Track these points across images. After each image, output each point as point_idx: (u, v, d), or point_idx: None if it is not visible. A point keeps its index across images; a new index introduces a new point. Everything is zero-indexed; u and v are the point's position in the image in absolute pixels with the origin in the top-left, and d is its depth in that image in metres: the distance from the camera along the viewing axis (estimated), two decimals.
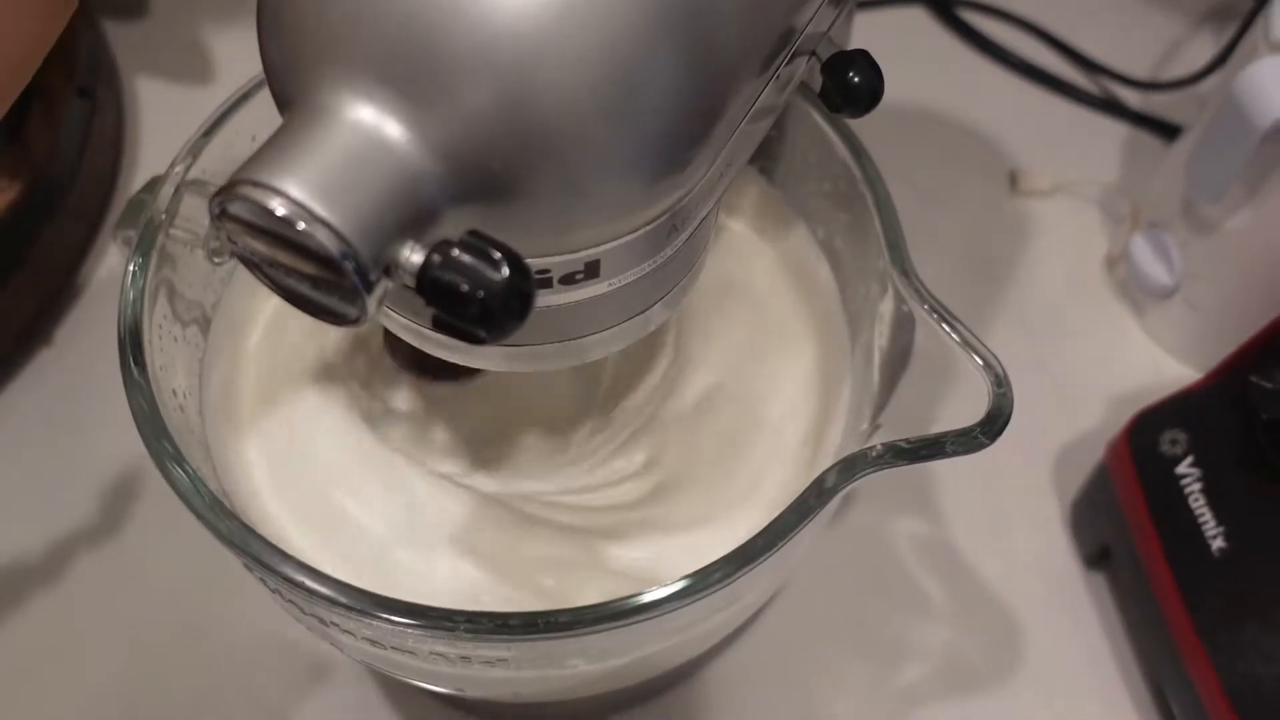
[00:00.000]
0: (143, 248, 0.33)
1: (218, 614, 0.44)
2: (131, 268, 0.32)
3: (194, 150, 0.34)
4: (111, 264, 0.53)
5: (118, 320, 0.31)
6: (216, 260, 0.36)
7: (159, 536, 0.45)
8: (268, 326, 0.38)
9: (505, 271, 0.21)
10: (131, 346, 0.31)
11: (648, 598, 0.27)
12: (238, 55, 0.60)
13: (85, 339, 0.51)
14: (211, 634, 0.43)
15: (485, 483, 0.36)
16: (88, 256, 0.53)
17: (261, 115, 0.36)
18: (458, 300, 0.21)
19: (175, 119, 0.58)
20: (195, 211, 0.34)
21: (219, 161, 0.35)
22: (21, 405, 0.49)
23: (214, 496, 0.29)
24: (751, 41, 0.25)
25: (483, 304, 0.21)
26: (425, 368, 0.36)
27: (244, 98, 0.35)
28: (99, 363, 0.49)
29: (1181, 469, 0.41)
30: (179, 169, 0.34)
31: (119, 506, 0.46)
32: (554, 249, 0.24)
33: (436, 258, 0.21)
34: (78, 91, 0.52)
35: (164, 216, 0.33)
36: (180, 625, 0.44)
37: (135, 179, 0.56)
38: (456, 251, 0.21)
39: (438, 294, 0.21)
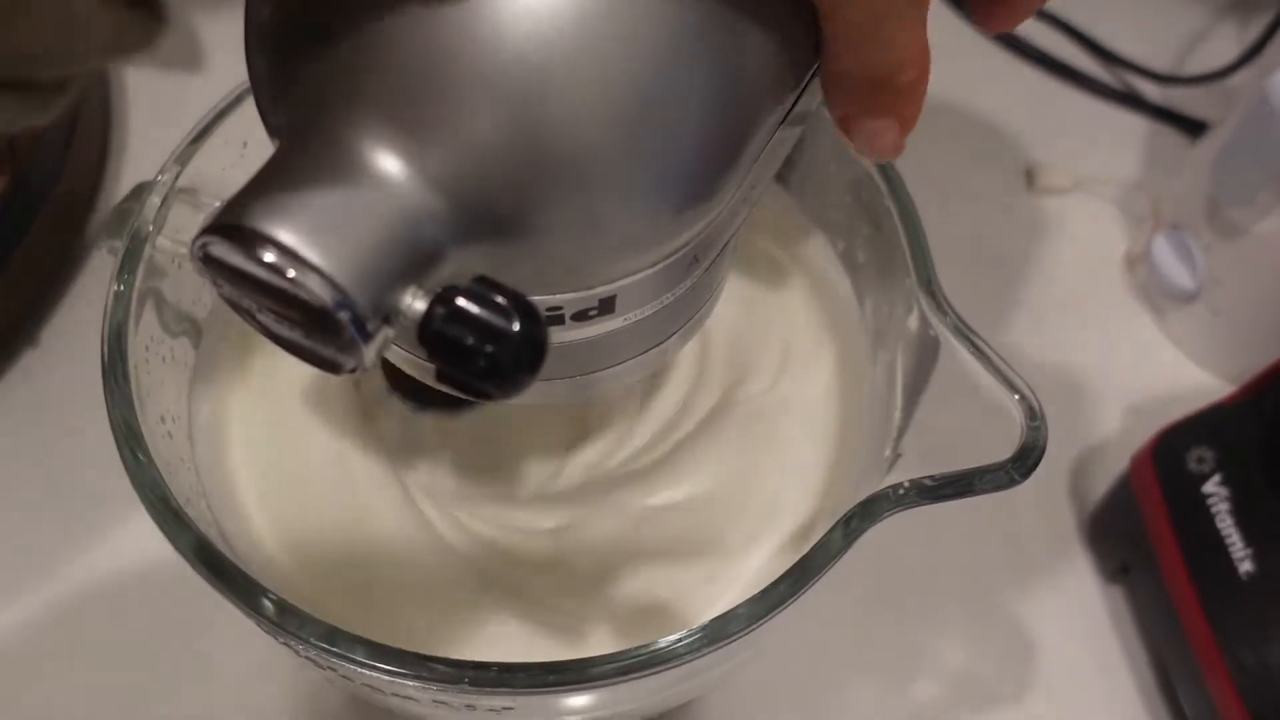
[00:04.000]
0: (128, 262, 0.31)
1: (210, 626, 0.42)
2: (117, 287, 0.31)
3: (182, 158, 0.33)
4: (99, 262, 0.51)
5: (101, 344, 0.30)
6: None
7: (147, 541, 0.44)
8: (262, 342, 0.36)
9: (516, 324, 0.19)
10: (115, 368, 0.30)
11: (662, 646, 0.26)
12: (228, 44, 0.57)
13: (72, 340, 0.50)
14: (204, 648, 0.42)
15: (481, 506, 0.35)
16: (74, 254, 0.51)
17: (254, 120, 0.34)
18: (464, 355, 0.19)
19: (164, 109, 0.56)
20: (184, 221, 0.33)
21: (209, 168, 0.33)
22: (6, 407, 0.48)
23: (194, 528, 0.27)
24: (782, 56, 0.23)
25: (491, 359, 0.19)
26: (424, 399, 0.34)
27: (235, 101, 0.34)
28: (85, 364, 0.48)
29: (1209, 487, 0.40)
30: (166, 177, 0.33)
31: (106, 510, 0.45)
32: (567, 286, 0.23)
33: (440, 309, 0.19)
34: None
35: (150, 228, 0.32)
36: (170, 637, 0.42)
37: (123, 172, 0.54)
38: (462, 300, 0.19)
39: (442, 347, 0.19)
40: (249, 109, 0.34)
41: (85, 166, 0.52)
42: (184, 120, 0.34)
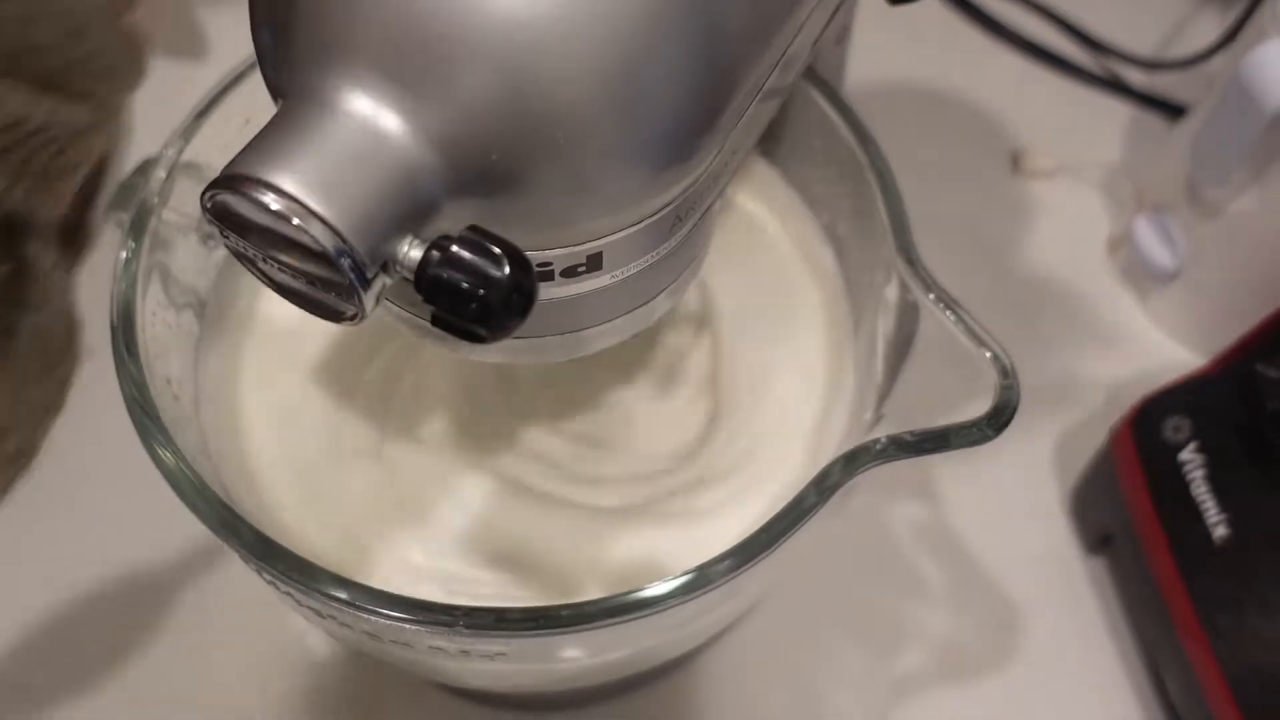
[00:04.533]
0: (135, 232, 0.32)
1: (214, 595, 0.43)
2: (123, 254, 0.32)
3: (186, 133, 0.34)
4: (107, 245, 0.52)
5: (109, 307, 0.31)
6: (211, 243, 0.35)
7: (153, 517, 0.44)
8: (265, 309, 0.37)
9: (506, 269, 0.20)
10: (124, 333, 0.31)
11: (649, 593, 0.27)
12: (231, 31, 0.59)
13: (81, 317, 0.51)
14: (206, 615, 0.43)
15: (488, 458, 0.36)
16: (81, 239, 0.52)
17: (256, 97, 0.35)
18: (457, 298, 0.20)
19: (167, 95, 0.57)
20: (188, 195, 0.34)
21: (212, 144, 0.35)
22: None
23: (202, 483, 0.28)
24: (758, 24, 0.24)
25: (483, 302, 0.20)
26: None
27: (237, 79, 0.35)
28: (93, 342, 0.49)
29: (1185, 455, 0.41)
30: (171, 152, 0.34)
31: (111, 488, 0.45)
32: (555, 242, 0.24)
33: (435, 254, 0.20)
34: None
35: (156, 200, 0.33)
36: (175, 608, 0.43)
37: (128, 155, 0.55)
38: (456, 248, 0.20)
39: (437, 291, 0.20)
40: (250, 86, 0.35)
41: None
42: (188, 106, 0.35)
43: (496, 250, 0.20)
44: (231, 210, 0.21)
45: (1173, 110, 0.57)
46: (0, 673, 0.42)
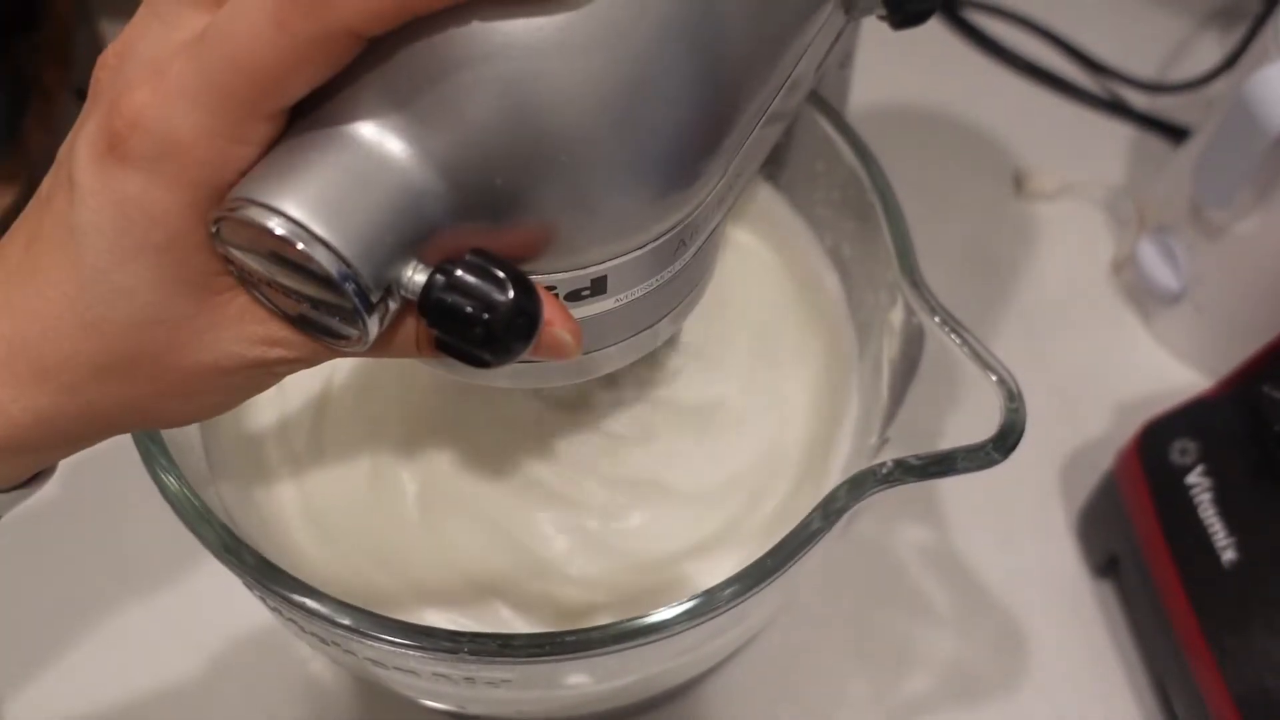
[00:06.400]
0: None
1: (217, 621, 0.43)
2: None
3: None
4: None
5: None
6: None
7: (156, 541, 0.45)
8: None
9: (510, 293, 0.20)
10: None
11: (654, 619, 0.27)
12: None
13: None
14: (210, 642, 0.43)
15: (490, 487, 0.35)
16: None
17: None
18: (462, 322, 0.20)
19: None
20: None
21: None
22: None
23: (205, 507, 0.28)
24: (761, 50, 0.24)
25: (487, 326, 0.20)
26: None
27: None
28: None
29: (1192, 478, 0.41)
30: None
31: (118, 512, 0.45)
32: (560, 265, 0.24)
33: (440, 278, 0.20)
34: (75, 93, 0.51)
35: None
36: (178, 633, 0.43)
37: None
38: (460, 272, 0.20)
39: (441, 316, 0.20)
40: None
41: None
42: None
43: (500, 274, 0.20)
44: (236, 235, 0.21)
45: (1174, 132, 0.57)
46: None
